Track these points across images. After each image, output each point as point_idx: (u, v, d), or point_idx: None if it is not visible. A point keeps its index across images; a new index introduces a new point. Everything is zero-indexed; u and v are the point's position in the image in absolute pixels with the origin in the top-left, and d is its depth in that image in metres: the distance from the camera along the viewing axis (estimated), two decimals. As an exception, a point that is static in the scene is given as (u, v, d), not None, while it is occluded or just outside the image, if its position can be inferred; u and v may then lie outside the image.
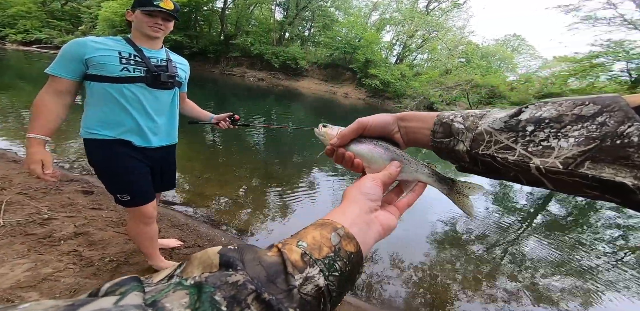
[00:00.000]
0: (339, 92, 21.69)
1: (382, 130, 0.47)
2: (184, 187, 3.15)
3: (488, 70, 26.72)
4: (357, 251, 0.33)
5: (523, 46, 39.09)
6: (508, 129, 0.33)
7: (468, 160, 0.38)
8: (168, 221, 2.34)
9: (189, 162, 3.83)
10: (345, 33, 23.86)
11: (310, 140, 6.71)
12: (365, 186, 0.41)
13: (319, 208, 3.27)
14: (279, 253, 0.28)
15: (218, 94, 12.09)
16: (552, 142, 0.30)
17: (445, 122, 0.41)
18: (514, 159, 0.32)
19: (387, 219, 0.40)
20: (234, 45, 22.73)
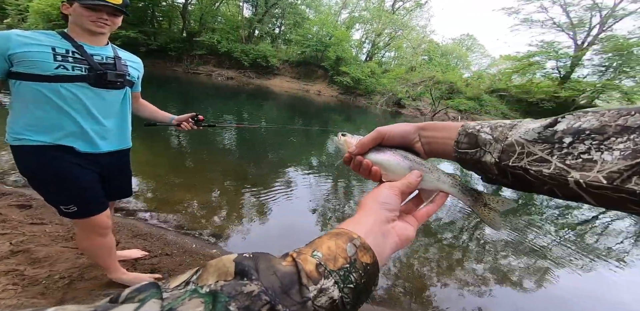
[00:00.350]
0: (311, 90, 21.39)
1: (401, 139, 0.46)
2: (146, 194, 2.85)
3: (447, 67, 28.01)
4: (373, 262, 0.31)
5: (475, 45, 41.38)
6: (542, 140, 0.31)
7: (496, 172, 0.36)
8: (128, 231, 2.11)
9: (151, 167, 3.48)
10: (316, 31, 23.48)
11: (284, 138, 6.53)
12: (382, 195, 0.39)
13: (297, 205, 3.17)
14: (294, 263, 0.27)
15: (183, 94, 11.11)
16: (594, 154, 0.27)
17: (471, 132, 0.38)
18: (550, 172, 0.30)
19: (404, 230, 0.38)
20: (199, 43, 21.20)
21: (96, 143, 1.26)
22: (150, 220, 2.39)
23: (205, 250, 2.09)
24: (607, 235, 3.83)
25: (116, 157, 1.39)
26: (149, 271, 1.81)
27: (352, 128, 10.18)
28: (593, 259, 3.02)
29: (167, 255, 1.93)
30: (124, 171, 1.49)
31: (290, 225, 2.71)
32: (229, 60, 21.43)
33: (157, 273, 1.79)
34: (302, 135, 7.37)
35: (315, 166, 4.83)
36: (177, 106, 8.04)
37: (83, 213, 1.26)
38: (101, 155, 1.29)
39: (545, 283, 2.48)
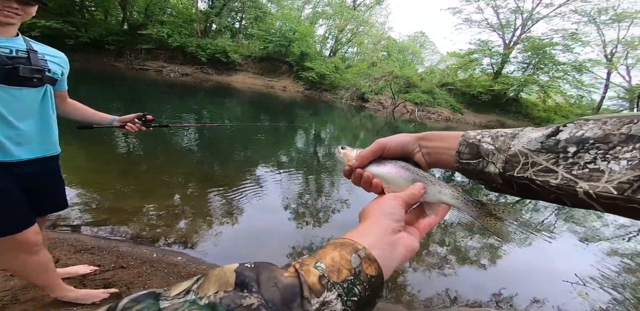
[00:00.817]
0: (276, 86, 20.61)
1: (402, 150, 0.44)
2: (91, 204, 2.47)
3: (404, 63, 29.02)
4: (377, 274, 0.29)
5: (427, 42, 43.30)
6: (546, 150, 0.30)
7: (501, 182, 0.35)
8: (69, 246, 1.83)
9: (95, 175, 3.02)
10: (279, 26, 22.55)
11: (251, 136, 6.22)
12: (388, 205, 0.38)
13: (269, 204, 3.02)
14: (296, 274, 0.26)
15: (129, 93, 9.58)
16: (600, 164, 0.26)
17: (472, 142, 0.37)
18: (557, 183, 0.28)
19: (410, 241, 0.36)
20: (145, 36, 18.63)
21: (9, 151, 1.04)
22: (97, 232, 2.09)
23: (169, 258, 1.89)
24: (537, 211, 4.27)
25: (41, 166, 1.16)
26: (103, 286, 1.60)
27: (319, 123, 10.09)
28: (530, 233, 3.33)
29: (123, 268, 1.71)
30: (53, 181, 1.26)
31: (263, 226, 2.58)
32: (182, 55, 19.39)
33: (112, 288, 1.59)
34: (270, 132, 7.10)
35: (285, 163, 4.66)
36: (124, 107, 6.93)
37: (2, 231, 1.06)
38: (20, 163, 1.07)
39: (497, 259, 2.67)
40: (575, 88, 20.65)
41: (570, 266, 2.69)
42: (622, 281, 2.62)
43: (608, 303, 2.27)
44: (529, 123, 19.71)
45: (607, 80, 21.16)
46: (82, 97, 1.39)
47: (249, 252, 2.17)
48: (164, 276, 1.73)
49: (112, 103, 6.93)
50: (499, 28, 22.15)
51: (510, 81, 20.20)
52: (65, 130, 1.24)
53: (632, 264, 3.00)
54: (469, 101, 21.02)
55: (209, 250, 2.10)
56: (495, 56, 22.03)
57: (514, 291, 2.21)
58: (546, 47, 19.70)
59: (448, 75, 25.25)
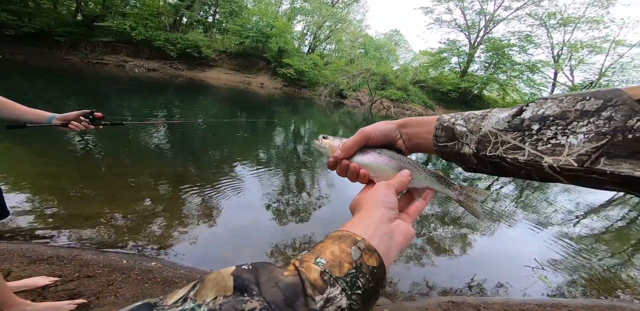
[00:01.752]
0: (253, 82, 19.87)
1: (385, 138, 0.44)
2: (46, 211, 2.21)
3: (380, 60, 29.34)
4: (379, 265, 0.29)
5: (401, 41, 44.00)
6: (513, 129, 0.31)
7: (475, 162, 0.36)
8: (22, 257, 1.64)
9: (50, 180, 2.70)
10: (256, 21, 21.66)
11: (228, 134, 5.98)
12: (381, 194, 0.37)
13: (249, 202, 2.92)
14: (297, 272, 0.25)
15: (87, 89, 8.38)
16: (561, 139, 0.27)
17: (447, 125, 0.38)
18: (525, 159, 0.30)
19: (407, 228, 0.35)
20: (103, 29, 16.83)
21: None
22: (55, 241, 1.88)
23: (142, 264, 1.75)
24: (499, 200, 4.54)
25: None
26: (67, 297, 1.44)
27: (299, 120, 9.96)
28: (494, 221, 3.53)
29: (89, 277, 1.56)
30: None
31: (243, 225, 2.48)
32: (149, 49, 17.80)
33: (79, 298, 1.43)
34: (247, 128, 6.87)
35: (263, 160, 4.52)
36: (80, 105, 6.14)
37: None
38: None
39: (467, 248, 2.81)
40: (528, 87, 22.33)
41: (529, 251, 2.91)
42: (573, 263, 2.88)
43: (564, 284, 2.48)
44: None
45: (554, 80, 23.05)
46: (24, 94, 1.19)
47: (230, 253, 2.09)
48: (137, 283, 1.61)
49: (66, 102, 6.13)
50: (466, 28, 23.15)
51: (474, 79, 21.33)
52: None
53: (579, 246, 3.31)
54: (440, 98, 21.87)
55: (186, 253, 1.98)
56: (462, 55, 23.05)
57: (483, 278, 2.35)
58: (505, 48, 21.05)
59: (420, 72, 26.00)
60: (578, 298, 2.31)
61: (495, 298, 2.12)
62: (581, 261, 2.94)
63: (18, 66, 10.79)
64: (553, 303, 2.13)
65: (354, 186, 1.65)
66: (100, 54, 16.89)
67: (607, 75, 21.10)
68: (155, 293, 1.58)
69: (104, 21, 16.85)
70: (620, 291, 2.48)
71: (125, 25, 16.82)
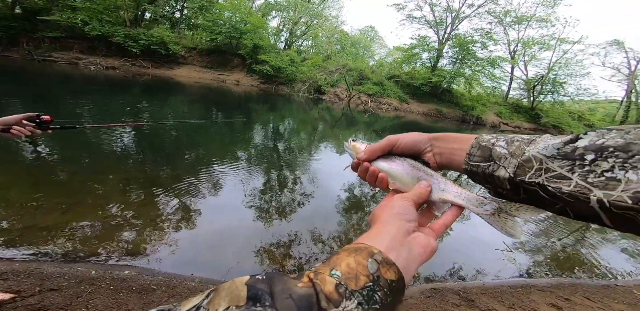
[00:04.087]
0: (228, 80, 19.12)
1: (412, 148, 0.43)
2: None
3: (357, 56, 29.53)
4: (398, 278, 0.27)
5: (376, 37, 44.49)
6: (562, 157, 0.28)
7: (509, 187, 0.33)
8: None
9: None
10: (228, 16, 20.76)
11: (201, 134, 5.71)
12: (398, 206, 0.36)
13: (226, 203, 2.81)
14: (311, 283, 0.24)
15: (30, 89, 7.25)
16: (617, 173, 0.24)
17: (485, 145, 0.36)
18: (569, 189, 0.27)
19: (427, 241, 0.34)
20: (49, 23, 15.23)
21: None
22: (8, 255, 1.69)
23: (114, 273, 1.62)
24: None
25: None
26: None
27: (278, 117, 9.78)
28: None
29: (53, 290, 1.42)
30: None
31: (222, 228, 2.39)
32: (105, 46, 16.46)
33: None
34: (223, 128, 6.61)
35: (241, 159, 4.38)
36: (24, 108, 5.34)
37: None
38: None
39: (445, 236, 2.91)
40: (490, 81, 23.88)
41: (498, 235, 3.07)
42: (537, 245, 3.12)
43: (531, 265, 2.68)
44: (460, 111, 22.09)
45: (511, 74, 24.92)
46: None
47: (210, 256, 2.00)
48: (110, 293, 1.49)
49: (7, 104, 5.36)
50: (434, 25, 23.99)
51: (444, 74, 22.23)
52: None
53: (540, 227, 3.58)
54: (413, 92, 22.56)
55: (163, 258, 1.87)
56: (432, 51, 23.91)
57: (461, 264, 2.47)
58: (469, 44, 22.18)
59: (395, 68, 26.57)
60: (544, 278, 2.50)
61: (473, 283, 2.25)
62: (543, 242, 3.19)
63: None
64: (523, 284, 2.30)
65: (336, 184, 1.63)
66: (47, 51, 15.23)
67: (554, 69, 23.12)
68: (132, 302, 1.47)
69: (49, 15, 15.11)
70: (578, 269, 2.72)
71: (76, 20, 15.22)
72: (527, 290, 2.20)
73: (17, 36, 14.77)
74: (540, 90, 23.73)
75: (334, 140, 7.08)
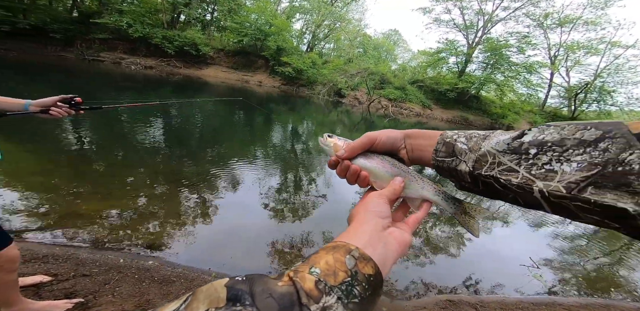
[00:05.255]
0: (251, 81, 19.70)
1: (391, 146, 0.44)
2: (39, 209, 2.16)
3: (379, 60, 29.25)
4: (375, 273, 0.28)
5: (400, 40, 43.88)
6: (511, 151, 0.31)
7: (469, 180, 0.36)
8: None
9: (40, 177, 2.64)
10: (254, 19, 21.47)
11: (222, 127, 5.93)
12: (373, 203, 0.38)
13: (243, 199, 2.90)
14: (291, 282, 0.25)
15: (80, 85, 8.13)
16: (554, 165, 0.27)
17: (449, 141, 0.38)
18: (517, 181, 0.30)
19: (401, 235, 0.36)
20: (100, 26, 16.62)
21: None
22: (50, 239, 1.85)
23: (139, 263, 1.72)
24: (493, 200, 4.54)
25: None
26: (64, 296, 1.42)
27: (296, 118, 9.92)
28: (490, 220, 3.55)
29: (85, 276, 1.54)
30: None
31: (239, 224, 2.47)
32: (145, 47, 17.65)
33: (75, 298, 1.41)
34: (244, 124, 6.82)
35: (259, 157, 4.49)
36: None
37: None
38: None
39: (463, 248, 2.82)
40: (525, 87, 22.41)
41: (524, 250, 2.92)
42: (568, 262, 2.90)
43: (558, 283, 2.50)
44: (488, 119, 21.09)
45: (550, 81, 23.29)
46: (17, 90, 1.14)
47: (226, 252, 2.07)
48: (135, 282, 1.59)
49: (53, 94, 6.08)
50: (464, 28, 23.14)
51: (472, 79, 21.31)
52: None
53: (573, 245, 3.33)
54: (437, 97, 21.90)
55: (183, 252, 1.96)
56: (460, 55, 23.08)
57: (480, 277, 2.36)
58: (502, 49, 21.05)
59: (419, 72, 26.00)
60: (572, 296, 2.32)
61: (492, 297, 2.13)
62: (575, 260, 2.97)
63: (10, 62, 10.61)
64: (548, 301, 2.15)
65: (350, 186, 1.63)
66: (96, 51, 16.69)
67: (602, 76, 21.19)
68: (153, 291, 1.56)
69: (100, 18, 16.61)
70: (613, 290, 2.50)
71: (122, 23, 16.60)
72: (552, 308, 2.05)
73: (73, 38, 16.36)
74: (583, 98, 21.88)
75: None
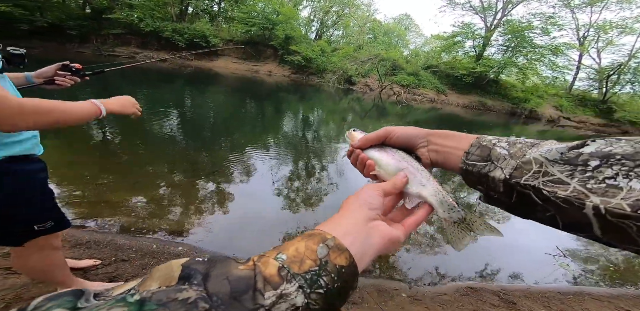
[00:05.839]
0: (261, 70, 19.52)
1: (407, 141, 0.43)
2: (74, 198, 2.29)
3: (390, 45, 28.25)
4: (349, 264, 0.27)
5: (412, 25, 41.98)
6: (564, 162, 0.27)
7: (502, 189, 0.32)
8: (64, 242, 1.72)
9: (70, 169, 2.77)
10: (261, 8, 21.03)
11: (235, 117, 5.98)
12: (364, 194, 0.36)
13: (261, 189, 2.96)
14: (253, 266, 0.24)
15: (99, 81, 8.11)
16: (620, 181, 0.24)
17: (485, 145, 0.35)
18: (566, 194, 0.26)
19: (388, 230, 0.33)
20: (112, 21, 16.85)
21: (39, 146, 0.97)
22: (90, 226, 1.97)
23: (170, 248, 1.82)
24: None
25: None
26: (108, 280, 1.54)
27: (306, 107, 9.85)
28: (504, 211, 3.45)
29: (124, 261, 1.64)
30: None
31: (257, 211, 2.52)
32: (157, 40, 17.81)
33: (119, 281, 1.52)
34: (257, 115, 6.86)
35: (273, 144, 4.55)
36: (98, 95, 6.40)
37: (61, 226, 1.04)
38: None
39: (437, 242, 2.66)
40: (550, 70, 21.10)
41: (550, 238, 2.84)
42: (597, 252, 2.80)
43: (587, 272, 2.43)
44: (509, 104, 20.15)
45: (578, 62, 21.75)
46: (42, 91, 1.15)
47: (246, 237, 2.13)
48: (167, 267, 1.69)
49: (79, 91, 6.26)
50: (481, 11, 21.75)
51: (491, 63, 20.24)
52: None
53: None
54: (453, 83, 21.03)
55: (208, 238, 2.04)
56: (477, 39, 21.88)
57: (503, 265, 2.32)
58: (525, 30, 19.71)
59: (432, 57, 24.95)
60: (602, 287, 2.27)
61: (516, 285, 2.11)
62: (605, 249, 2.87)
63: (37, 59, 11.02)
64: (576, 291, 2.10)
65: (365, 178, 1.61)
66: (111, 46, 17.03)
67: (637, 56, 19.56)
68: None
69: (112, 13, 16.81)
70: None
71: (133, 17, 16.76)
72: (580, 297, 2.01)
73: (88, 34, 16.72)
74: (616, 80, 20.37)
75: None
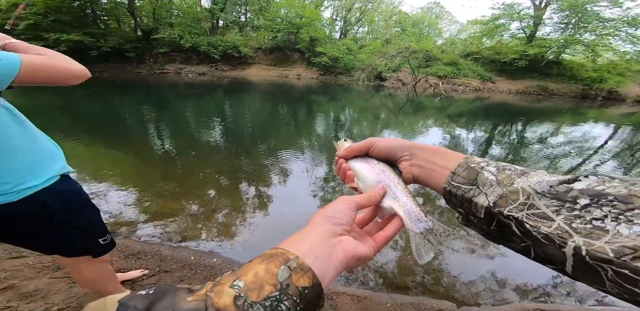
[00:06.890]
0: (290, 75, 20.04)
1: (388, 152, 0.42)
2: (132, 208, 2.50)
3: (420, 36, 26.89)
4: (312, 285, 0.26)
5: (443, 13, 39.45)
6: (552, 196, 0.26)
7: (482, 216, 0.31)
8: (119, 252, 1.86)
9: (114, 178, 3.05)
10: (284, 13, 21.67)
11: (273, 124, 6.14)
12: (332, 209, 0.35)
13: (296, 196, 2.93)
14: (205, 297, 0.22)
15: (154, 98, 9.51)
16: (607, 223, 0.23)
17: (474, 167, 0.34)
18: (549, 231, 0.25)
19: (353, 246, 0.32)
20: (159, 41, 18.74)
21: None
22: (140, 236, 2.12)
23: (206, 260, 1.87)
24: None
25: None
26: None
27: (337, 107, 9.75)
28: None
29: (166, 272, 1.72)
30: None
31: (291, 221, 2.48)
32: (196, 55, 19.40)
33: None
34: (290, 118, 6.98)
35: (306, 149, 4.55)
36: (156, 109, 7.40)
37: (113, 242, 1.15)
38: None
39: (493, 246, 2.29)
40: (630, 44, 17.78)
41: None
42: None
43: None
44: (578, 86, 17.64)
45: (665, 31, 18.05)
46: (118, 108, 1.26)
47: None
48: (202, 280, 1.72)
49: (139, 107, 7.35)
50: (526, -11, 19.41)
51: (547, 43, 17.92)
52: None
53: None
54: (501, 68, 19.06)
55: (241, 250, 2.05)
56: (526, 19, 19.54)
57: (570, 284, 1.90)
58: (587, 4, 17.01)
59: (472, 44, 23.01)
60: None
61: (596, 308, 1.75)
62: None
63: (107, 81, 13.00)
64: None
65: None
66: (161, 64, 19.10)
67: None
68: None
69: (157, 33, 18.88)
70: None
71: (174, 35, 18.58)
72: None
73: (142, 55, 18.94)
74: None
75: (397, 128, 6.72)
